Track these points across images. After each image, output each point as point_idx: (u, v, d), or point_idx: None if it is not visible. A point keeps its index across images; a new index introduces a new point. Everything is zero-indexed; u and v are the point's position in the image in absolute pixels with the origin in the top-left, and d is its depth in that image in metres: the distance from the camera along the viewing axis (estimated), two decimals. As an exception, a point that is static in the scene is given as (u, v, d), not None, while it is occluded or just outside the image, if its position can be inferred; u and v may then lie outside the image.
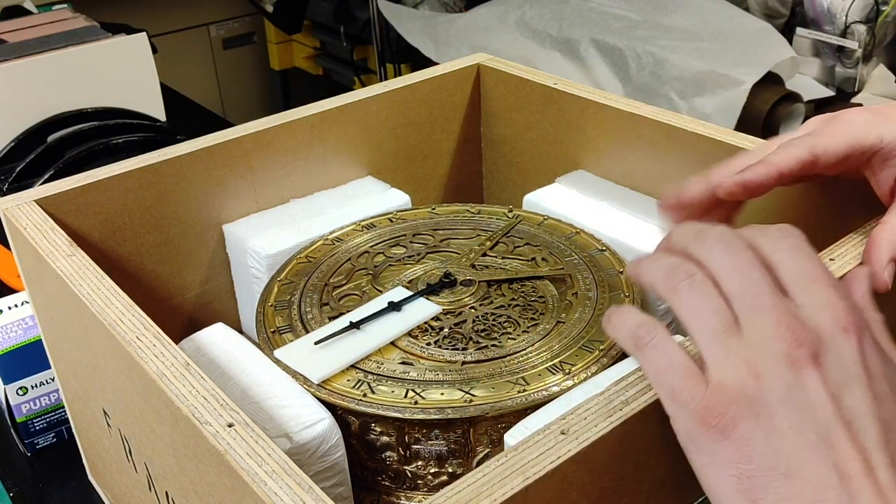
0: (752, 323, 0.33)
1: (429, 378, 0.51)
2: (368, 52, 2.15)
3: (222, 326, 0.57)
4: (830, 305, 0.33)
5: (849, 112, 0.47)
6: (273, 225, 0.67)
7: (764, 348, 0.32)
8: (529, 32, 1.53)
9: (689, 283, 0.35)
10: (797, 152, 0.44)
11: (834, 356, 0.32)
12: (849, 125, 0.46)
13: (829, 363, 0.32)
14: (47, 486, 0.69)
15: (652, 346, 0.35)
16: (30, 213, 0.56)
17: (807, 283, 0.34)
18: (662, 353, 0.35)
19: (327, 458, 0.49)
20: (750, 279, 0.34)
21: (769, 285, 0.34)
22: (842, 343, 0.33)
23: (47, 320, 0.59)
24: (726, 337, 0.33)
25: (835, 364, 0.32)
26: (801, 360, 0.32)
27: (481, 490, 0.33)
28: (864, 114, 0.46)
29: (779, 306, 0.33)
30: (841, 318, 0.33)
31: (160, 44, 1.35)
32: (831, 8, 1.37)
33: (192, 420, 0.39)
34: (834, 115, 0.47)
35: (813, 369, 0.32)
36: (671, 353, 0.34)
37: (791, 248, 0.36)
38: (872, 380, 0.33)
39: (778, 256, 0.35)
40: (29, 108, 1.06)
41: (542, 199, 0.69)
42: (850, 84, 1.41)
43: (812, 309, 0.33)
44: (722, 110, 1.26)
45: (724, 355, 0.33)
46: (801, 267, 0.35)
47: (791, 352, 0.32)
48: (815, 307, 0.33)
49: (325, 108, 0.69)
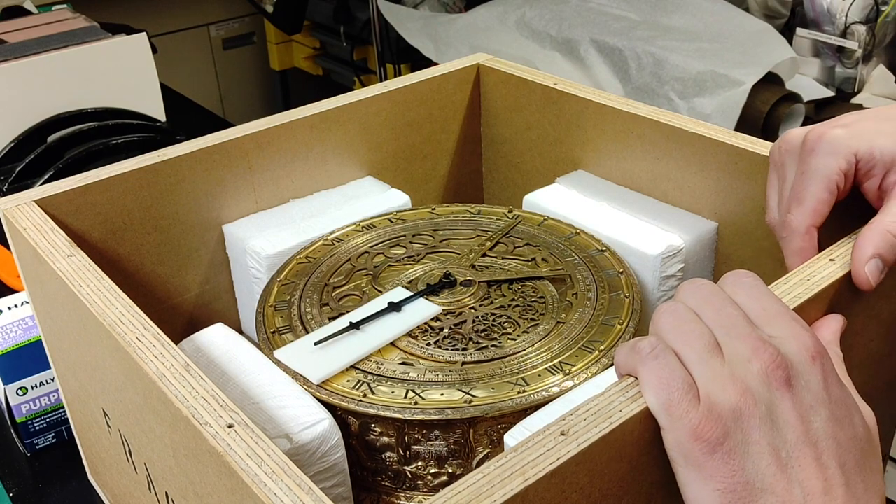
0: (730, 347, 0.36)
1: (429, 378, 0.51)
2: (368, 52, 2.15)
3: (222, 327, 0.57)
4: (797, 336, 0.36)
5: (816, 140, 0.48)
6: (273, 225, 0.67)
7: (745, 368, 0.35)
8: (529, 33, 1.53)
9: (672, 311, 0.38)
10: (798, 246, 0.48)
11: (804, 381, 0.35)
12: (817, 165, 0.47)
13: (800, 387, 0.35)
14: (47, 486, 0.69)
15: (654, 356, 0.36)
16: (30, 214, 0.56)
17: (771, 317, 0.37)
18: (665, 365, 0.36)
19: (327, 458, 0.49)
20: (725, 312, 0.37)
21: (742, 317, 0.37)
22: (809, 369, 0.35)
23: (47, 320, 0.59)
24: (710, 357, 0.36)
25: (804, 388, 0.35)
26: (777, 381, 0.35)
27: (481, 491, 0.33)
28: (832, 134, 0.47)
29: (753, 334, 0.36)
30: (809, 347, 0.36)
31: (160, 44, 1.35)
32: (831, 8, 1.37)
33: (192, 421, 0.39)
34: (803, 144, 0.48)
35: (786, 391, 0.35)
36: (673, 365, 0.36)
37: (749, 288, 0.39)
38: (833, 404, 0.35)
39: (740, 298, 0.38)
40: (29, 109, 1.06)
41: (541, 200, 0.69)
42: (849, 84, 1.40)
43: (781, 339, 0.36)
44: (722, 111, 1.26)
45: (711, 374, 0.35)
46: (762, 304, 0.38)
47: (769, 372, 0.35)
48: (784, 337, 0.36)
49: (324, 108, 0.69)
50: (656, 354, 0.36)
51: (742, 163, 0.60)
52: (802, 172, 0.48)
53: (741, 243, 0.63)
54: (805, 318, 0.43)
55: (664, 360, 0.36)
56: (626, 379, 0.37)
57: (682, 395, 0.35)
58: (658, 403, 0.35)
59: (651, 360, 0.36)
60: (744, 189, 0.61)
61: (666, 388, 0.35)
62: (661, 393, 0.35)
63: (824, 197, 0.47)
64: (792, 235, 0.48)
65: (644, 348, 0.37)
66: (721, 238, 0.64)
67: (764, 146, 0.59)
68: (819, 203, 0.47)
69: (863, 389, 0.52)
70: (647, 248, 0.61)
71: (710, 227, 0.63)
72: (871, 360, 0.51)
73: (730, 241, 0.63)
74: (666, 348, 0.36)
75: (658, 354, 0.36)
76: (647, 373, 0.36)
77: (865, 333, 0.49)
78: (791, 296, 0.43)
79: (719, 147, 0.61)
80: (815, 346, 0.36)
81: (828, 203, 0.47)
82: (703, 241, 0.63)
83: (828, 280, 0.44)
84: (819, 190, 0.47)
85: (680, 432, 0.34)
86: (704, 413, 0.34)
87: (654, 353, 0.36)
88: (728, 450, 0.34)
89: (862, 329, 0.48)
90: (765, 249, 0.61)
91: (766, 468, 0.34)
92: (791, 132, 0.50)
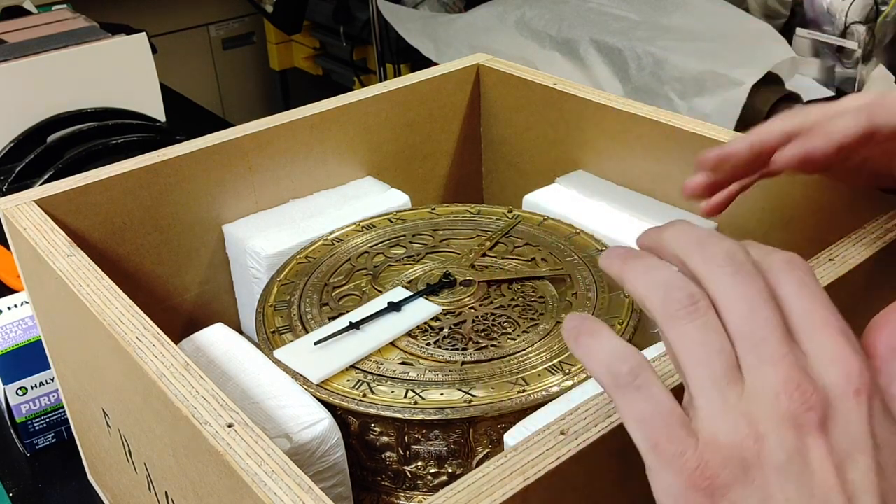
0: (756, 373, 0.29)
1: (428, 378, 0.51)
2: (368, 52, 2.15)
3: (222, 327, 0.57)
4: (842, 360, 0.29)
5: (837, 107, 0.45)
6: (273, 225, 0.67)
7: (768, 406, 0.29)
8: (529, 33, 1.53)
9: (691, 313, 0.30)
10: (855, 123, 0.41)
11: (842, 422, 0.29)
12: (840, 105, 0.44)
13: (837, 430, 0.28)
14: (47, 486, 0.69)
15: (635, 387, 0.30)
16: (29, 214, 0.56)
17: (816, 327, 0.30)
18: (648, 398, 0.30)
19: (327, 458, 0.49)
20: (760, 318, 0.30)
21: (779, 328, 0.30)
22: (852, 407, 0.29)
23: (47, 320, 0.59)
24: (726, 385, 0.29)
25: (842, 431, 0.29)
26: (808, 425, 0.28)
27: (481, 490, 0.33)
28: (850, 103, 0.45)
29: (787, 357, 0.29)
30: (854, 378, 0.29)
31: (160, 44, 1.35)
32: (831, 8, 1.37)
33: (192, 420, 0.39)
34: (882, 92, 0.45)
35: (819, 436, 0.28)
36: (657, 397, 0.30)
37: (799, 283, 0.31)
38: (878, 450, 0.29)
39: (785, 290, 0.31)
40: (29, 109, 1.06)
41: (541, 200, 0.69)
42: (849, 84, 1.41)
43: (821, 361, 0.29)
44: (721, 111, 1.26)
45: (721, 407, 0.29)
46: (809, 307, 0.31)
47: (798, 415, 0.28)
48: (825, 359, 0.29)
49: (324, 108, 0.69)
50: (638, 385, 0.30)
51: (742, 163, 0.60)
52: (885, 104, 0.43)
53: (741, 243, 0.63)
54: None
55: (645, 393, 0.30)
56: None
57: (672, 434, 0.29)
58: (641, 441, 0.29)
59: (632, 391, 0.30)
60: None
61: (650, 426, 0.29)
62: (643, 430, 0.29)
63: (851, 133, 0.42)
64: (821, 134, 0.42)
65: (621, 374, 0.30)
66: (721, 238, 0.64)
67: (764, 146, 0.59)
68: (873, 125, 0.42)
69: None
70: (647, 248, 0.61)
71: (710, 227, 0.63)
72: (871, 359, 0.51)
73: (729, 241, 0.63)
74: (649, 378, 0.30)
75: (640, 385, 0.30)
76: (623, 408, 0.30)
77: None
78: (791, 295, 0.42)
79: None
80: (863, 376, 0.29)
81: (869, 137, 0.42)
82: (703, 241, 0.63)
83: (827, 280, 0.44)
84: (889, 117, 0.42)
85: (671, 477, 0.29)
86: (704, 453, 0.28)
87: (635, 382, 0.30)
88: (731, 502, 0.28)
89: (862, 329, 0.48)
90: (764, 249, 0.61)
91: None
92: None
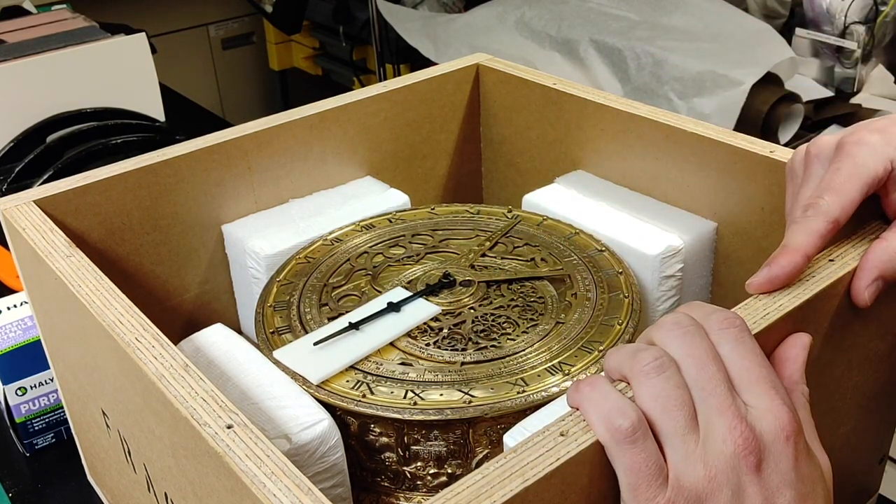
0: (708, 422, 0.35)
1: (428, 379, 0.51)
2: (368, 52, 2.15)
3: (221, 327, 0.57)
4: (774, 411, 0.36)
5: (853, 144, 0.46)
6: (272, 225, 0.66)
7: (718, 450, 0.35)
8: (529, 33, 1.53)
9: (657, 367, 0.36)
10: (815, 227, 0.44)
11: (773, 462, 0.35)
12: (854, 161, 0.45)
13: (769, 469, 0.35)
14: (46, 486, 0.69)
15: (632, 441, 0.35)
16: (29, 214, 0.56)
17: (752, 382, 0.37)
18: (641, 450, 0.35)
19: (326, 459, 0.49)
20: (707, 372, 0.36)
21: (723, 382, 0.36)
22: (782, 450, 0.35)
23: (46, 321, 0.59)
24: (687, 433, 0.35)
25: (774, 470, 0.35)
26: (747, 466, 0.35)
27: (480, 491, 0.33)
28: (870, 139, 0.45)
29: (731, 408, 0.35)
30: (784, 426, 0.36)
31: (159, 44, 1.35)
32: (830, 8, 1.37)
33: (191, 421, 0.39)
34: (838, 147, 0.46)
35: (755, 476, 0.35)
36: (649, 450, 0.35)
37: (734, 342, 0.38)
38: (800, 482, 0.36)
39: (724, 350, 0.37)
40: (28, 109, 1.06)
41: (541, 200, 0.69)
42: (849, 84, 1.41)
43: (759, 411, 0.36)
44: (721, 111, 1.26)
45: (684, 454, 0.35)
46: (747, 364, 0.37)
47: (740, 457, 0.35)
48: (762, 409, 0.36)
49: (324, 108, 0.69)
50: (634, 439, 0.35)
51: (741, 163, 0.60)
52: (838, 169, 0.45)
53: (740, 243, 0.63)
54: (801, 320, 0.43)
55: (641, 447, 0.35)
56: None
57: (651, 481, 0.34)
58: (625, 484, 0.35)
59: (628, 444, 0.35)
60: (743, 189, 0.61)
61: (636, 474, 0.35)
62: (630, 476, 0.35)
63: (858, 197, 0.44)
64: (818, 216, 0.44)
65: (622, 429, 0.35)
66: (720, 238, 0.64)
67: (763, 146, 0.59)
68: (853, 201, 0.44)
69: (862, 389, 0.52)
70: (647, 248, 0.61)
71: (710, 227, 0.63)
72: (871, 360, 0.51)
73: (729, 241, 0.63)
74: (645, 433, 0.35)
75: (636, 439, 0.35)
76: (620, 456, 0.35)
77: (865, 333, 0.49)
78: (790, 296, 0.43)
79: (719, 147, 0.61)
80: (791, 423, 0.36)
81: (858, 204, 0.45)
82: (703, 242, 0.63)
83: (827, 280, 0.44)
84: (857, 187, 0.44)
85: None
86: (671, 496, 0.34)
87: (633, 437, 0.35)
88: None
89: (862, 329, 0.48)
90: (764, 249, 0.61)
91: None
92: (819, 138, 0.48)
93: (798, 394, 0.40)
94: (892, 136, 0.46)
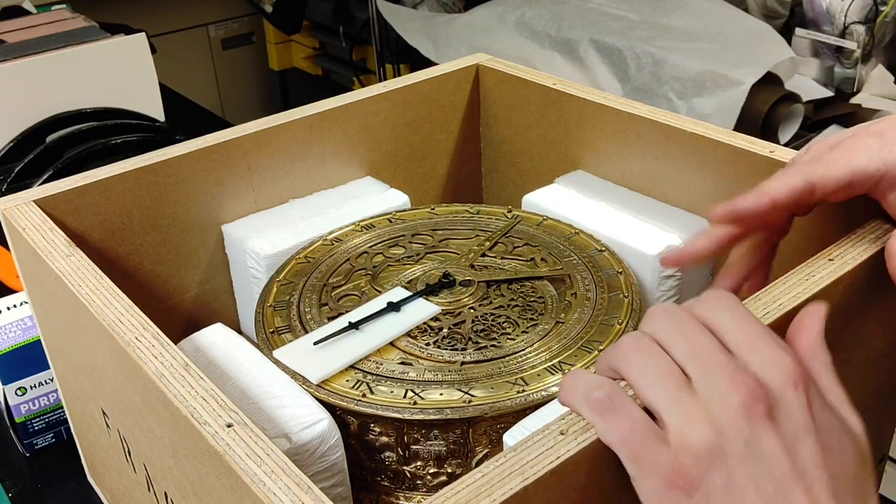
0: (706, 382, 0.34)
1: (428, 378, 0.51)
2: (367, 52, 2.15)
3: (221, 327, 0.57)
4: (778, 361, 0.35)
5: (852, 138, 0.46)
6: (272, 225, 0.66)
7: (722, 404, 0.33)
8: (528, 33, 1.53)
9: (638, 347, 0.36)
10: (791, 180, 0.45)
11: (785, 410, 0.34)
12: (849, 153, 0.46)
13: (782, 417, 0.33)
14: (46, 486, 0.69)
15: (613, 409, 0.34)
16: (29, 214, 0.56)
17: (751, 341, 0.35)
18: (625, 416, 0.34)
19: (326, 458, 0.49)
20: (697, 343, 0.35)
21: (717, 346, 0.35)
22: (792, 398, 0.34)
23: (46, 320, 0.59)
24: (682, 395, 0.34)
25: (787, 418, 0.34)
26: (757, 414, 0.33)
27: (480, 490, 0.33)
28: (866, 139, 0.46)
29: (730, 364, 0.34)
30: (791, 374, 0.34)
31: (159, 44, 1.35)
32: (830, 8, 1.37)
33: (191, 420, 0.39)
34: (838, 140, 0.47)
35: (767, 423, 0.33)
36: (633, 414, 0.34)
37: (728, 309, 0.37)
38: (820, 432, 0.34)
39: (718, 319, 0.37)
40: (28, 109, 1.06)
41: (541, 200, 0.69)
42: (848, 84, 1.41)
43: (760, 366, 0.35)
44: (721, 111, 1.26)
45: (683, 414, 0.34)
46: (741, 326, 0.36)
47: (748, 406, 0.33)
48: (763, 364, 0.35)
49: (324, 108, 0.69)
50: (615, 407, 0.34)
51: (741, 163, 0.60)
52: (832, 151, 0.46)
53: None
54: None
55: (623, 412, 0.34)
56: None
57: (647, 443, 0.33)
58: (624, 455, 0.34)
59: (610, 413, 0.34)
60: (743, 189, 0.60)
61: (629, 441, 0.34)
62: (624, 446, 0.34)
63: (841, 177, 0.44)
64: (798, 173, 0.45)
65: (599, 400, 0.35)
66: (720, 238, 0.64)
67: (763, 146, 0.59)
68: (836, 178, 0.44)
69: (862, 389, 0.52)
70: (646, 248, 0.61)
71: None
72: (871, 360, 0.51)
73: (729, 241, 0.63)
74: (621, 398, 0.35)
75: (616, 406, 0.34)
76: (605, 430, 0.34)
77: (865, 333, 0.49)
78: (790, 295, 0.43)
79: (718, 147, 0.61)
80: (798, 371, 0.34)
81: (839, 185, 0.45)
82: (703, 241, 0.63)
83: (827, 280, 0.44)
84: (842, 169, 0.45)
85: (652, 481, 0.33)
86: (677, 457, 0.33)
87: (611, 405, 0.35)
88: (706, 493, 0.32)
89: (862, 329, 0.48)
90: (764, 249, 0.61)
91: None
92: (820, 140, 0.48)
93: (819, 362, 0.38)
94: (889, 140, 0.46)
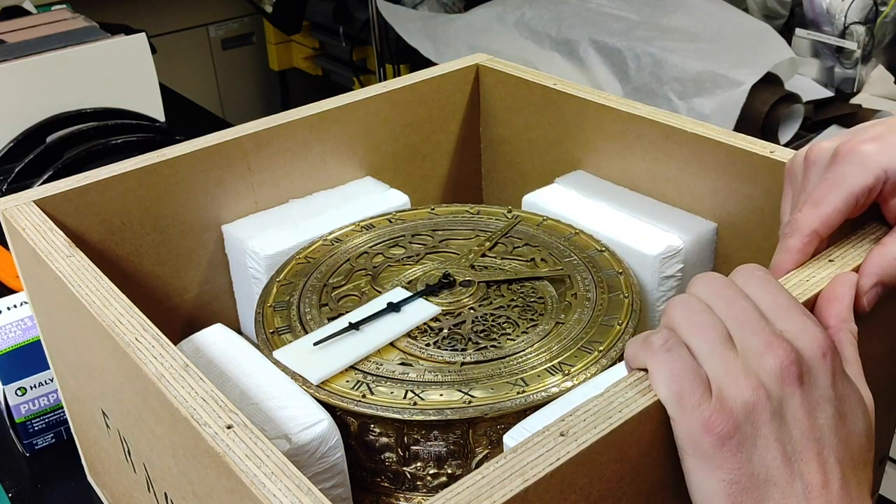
0: (744, 341, 0.37)
1: (428, 379, 0.51)
2: (367, 52, 2.15)
3: (221, 327, 0.57)
4: (808, 330, 0.37)
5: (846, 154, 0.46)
6: (272, 225, 0.66)
7: (758, 364, 0.36)
8: (528, 33, 1.53)
9: (686, 303, 0.38)
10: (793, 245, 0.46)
11: (813, 377, 0.36)
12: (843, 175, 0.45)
13: (810, 383, 0.36)
14: (46, 486, 0.69)
15: (666, 348, 0.37)
16: (29, 214, 0.56)
17: (783, 310, 0.38)
18: (677, 358, 0.36)
19: (326, 459, 0.49)
20: (738, 306, 0.38)
21: (755, 311, 0.38)
22: (819, 366, 0.37)
23: (46, 321, 0.59)
24: (724, 350, 0.36)
25: (813, 384, 0.36)
26: (789, 377, 0.36)
27: (480, 492, 0.33)
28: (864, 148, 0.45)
29: (766, 329, 0.37)
30: (821, 343, 0.37)
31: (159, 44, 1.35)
32: (830, 9, 1.37)
33: (191, 421, 0.39)
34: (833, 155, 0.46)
35: (797, 387, 0.36)
36: (685, 358, 0.36)
37: (761, 281, 0.40)
38: (839, 401, 0.37)
39: (751, 290, 0.39)
40: (28, 109, 1.06)
41: (541, 200, 0.69)
42: (849, 85, 1.40)
43: (794, 332, 0.37)
44: (721, 111, 1.26)
45: (724, 368, 0.36)
46: (774, 297, 0.39)
47: (782, 368, 0.36)
48: (796, 332, 0.37)
49: (324, 108, 0.69)
50: (668, 347, 0.37)
51: (741, 163, 0.60)
52: (826, 179, 0.46)
53: (740, 244, 0.63)
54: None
55: (676, 353, 0.36)
56: (627, 379, 0.37)
57: (694, 387, 0.35)
58: (669, 394, 0.36)
59: (663, 352, 0.37)
60: (743, 189, 0.61)
61: (678, 380, 0.36)
62: (672, 384, 0.36)
63: (841, 207, 0.45)
64: (794, 233, 0.46)
65: (656, 341, 0.37)
66: (720, 238, 0.64)
67: (763, 146, 0.59)
68: (834, 211, 0.45)
69: (862, 390, 0.52)
70: (647, 249, 0.61)
71: (710, 227, 0.63)
72: (871, 360, 0.51)
73: (729, 242, 0.63)
74: (678, 341, 0.37)
75: (670, 347, 0.37)
76: (658, 365, 0.36)
77: (865, 333, 0.49)
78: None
79: (718, 147, 0.61)
80: (826, 342, 0.37)
81: (842, 214, 0.45)
82: (703, 242, 0.63)
83: (827, 280, 0.44)
84: (838, 198, 0.45)
85: (691, 424, 0.35)
86: (716, 406, 0.35)
87: (666, 345, 0.37)
88: (737, 443, 0.35)
89: (861, 329, 0.48)
90: (764, 250, 0.61)
91: (771, 461, 0.35)
92: (817, 144, 0.48)
93: (845, 332, 0.41)
94: (888, 143, 0.45)
